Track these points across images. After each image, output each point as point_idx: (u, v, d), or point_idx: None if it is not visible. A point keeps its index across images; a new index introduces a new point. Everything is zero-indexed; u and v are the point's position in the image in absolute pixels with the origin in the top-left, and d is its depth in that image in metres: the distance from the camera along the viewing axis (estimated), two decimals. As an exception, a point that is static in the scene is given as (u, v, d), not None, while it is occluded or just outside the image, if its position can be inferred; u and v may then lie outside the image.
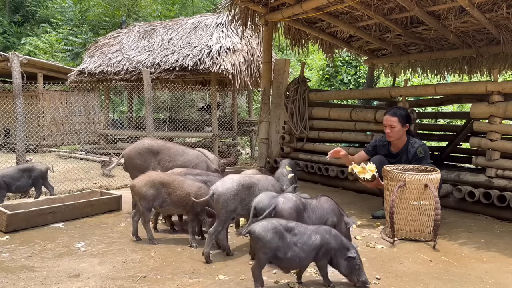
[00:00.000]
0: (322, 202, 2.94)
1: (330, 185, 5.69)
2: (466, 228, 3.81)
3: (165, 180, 3.27)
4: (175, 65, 7.98)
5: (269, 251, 2.29)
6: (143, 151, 4.06)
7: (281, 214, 2.72)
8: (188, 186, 3.27)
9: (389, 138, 3.99)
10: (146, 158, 4.05)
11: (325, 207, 2.91)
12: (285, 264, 2.38)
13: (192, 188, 3.25)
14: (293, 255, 2.32)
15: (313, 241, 2.37)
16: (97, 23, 18.57)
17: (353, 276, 2.42)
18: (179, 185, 3.26)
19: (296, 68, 14.54)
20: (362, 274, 2.42)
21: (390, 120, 3.90)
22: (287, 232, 2.34)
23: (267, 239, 2.28)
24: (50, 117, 11.11)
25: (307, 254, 2.35)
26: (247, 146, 11.85)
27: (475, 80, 7.26)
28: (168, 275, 2.66)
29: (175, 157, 4.09)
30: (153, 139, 4.39)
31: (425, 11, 5.16)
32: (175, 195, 3.24)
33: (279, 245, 2.30)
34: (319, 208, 2.88)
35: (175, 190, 3.24)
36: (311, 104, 6.16)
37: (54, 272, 2.70)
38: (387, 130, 3.94)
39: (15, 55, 5.11)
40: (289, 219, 2.68)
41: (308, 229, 2.42)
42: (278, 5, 5.89)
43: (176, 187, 3.25)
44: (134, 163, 4.02)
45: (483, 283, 2.61)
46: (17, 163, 5.02)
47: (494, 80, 4.27)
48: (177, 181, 3.30)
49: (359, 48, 7.40)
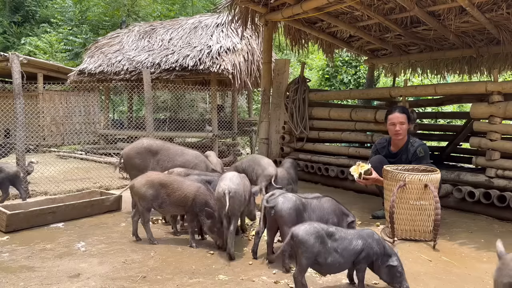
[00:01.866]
0: (322, 202, 2.93)
1: (330, 185, 5.69)
2: (466, 228, 3.81)
3: (164, 181, 3.27)
4: (175, 65, 7.98)
5: (312, 256, 2.25)
6: (142, 150, 4.07)
7: (280, 214, 2.72)
8: (187, 187, 3.26)
9: (397, 137, 3.91)
10: (145, 157, 4.05)
11: (325, 207, 2.90)
12: (324, 270, 2.36)
13: (191, 189, 3.25)
14: (333, 260, 2.29)
15: (354, 246, 2.34)
16: (97, 23, 18.57)
17: (395, 284, 2.37)
18: (178, 185, 3.26)
19: (296, 68, 14.53)
20: (404, 282, 2.36)
21: (400, 117, 3.85)
22: (328, 237, 2.31)
23: (310, 243, 2.25)
24: (50, 117, 11.11)
25: (347, 259, 2.33)
26: (247, 146, 11.84)
27: (475, 80, 7.25)
28: (168, 275, 2.67)
29: (174, 157, 4.10)
30: (152, 139, 4.40)
31: (425, 11, 5.16)
32: (174, 196, 3.23)
33: (320, 250, 2.26)
34: (319, 208, 2.88)
35: (174, 191, 3.23)
36: (311, 104, 6.16)
37: (54, 272, 2.70)
38: (396, 128, 3.85)
39: (15, 55, 5.11)
40: (289, 219, 2.69)
41: (349, 234, 2.39)
42: (278, 5, 5.89)
43: (175, 188, 3.24)
44: (133, 163, 4.03)
45: (483, 283, 2.61)
46: (17, 163, 5.01)
47: (494, 80, 4.27)
48: (176, 181, 3.29)
49: (359, 48, 7.39)
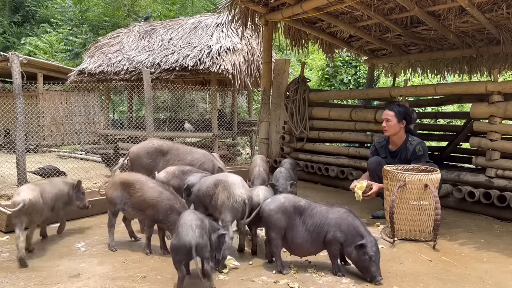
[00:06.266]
0: (330, 211, 2.70)
1: (330, 185, 5.69)
2: (466, 228, 3.82)
3: (128, 181, 3.11)
4: (175, 65, 7.97)
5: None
6: (152, 150, 4.12)
7: (263, 215, 2.72)
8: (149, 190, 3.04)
9: (385, 133, 4.04)
10: (155, 157, 4.11)
11: (330, 217, 2.66)
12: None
13: (152, 193, 3.03)
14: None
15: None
16: (97, 23, 18.55)
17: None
18: (140, 187, 3.06)
19: (296, 68, 14.53)
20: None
21: (387, 114, 3.96)
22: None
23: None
24: (50, 117, 11.11)
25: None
26: (247, 146, 11.84)
27: (475, 80, 7.26)
28: (168, 275, 2.66)
29: (183, 156, 4.14)
30: (161, 140, 4.45)
31: (425, 11, 5.16)
32: (136, 198, 3.04)
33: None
34: (320, 216, 2.68)
35: (135, 192, 3.06)
36: (311, 104, 6.16)
37: (54, 272, 2.70)
38: (383, 124, 4.00)
39: (15, 55, 5.10)
40: (271, 221, 2.67)
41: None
42: (278, 5, 5.89)
43: (137, 189, 3.06)
44: (142, 162, 4.06)
45: (483, 283, 2.61)
46: (17, 163, 5.01)
47: (494, 80, 4.27)
48: (139, 182, 3.09)
49: (359, 48, 7.39)
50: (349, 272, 2.73)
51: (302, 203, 2.75)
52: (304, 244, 2.68)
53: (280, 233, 2.66)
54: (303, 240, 2.67)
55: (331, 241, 2.62)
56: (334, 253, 2.66)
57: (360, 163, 5.31)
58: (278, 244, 2.69)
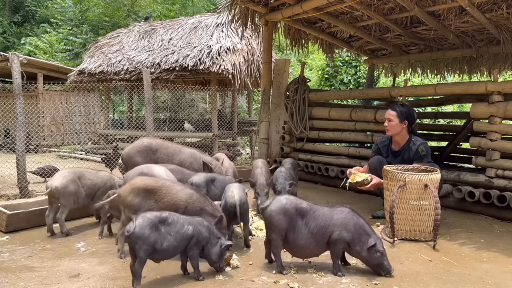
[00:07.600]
0: (334, 212, 2.69)
1: (330, 185, 5.68)
2: (466, 228, 3.82)
3: (152, 187, 2.96)
4: (175, 65, 7.98)
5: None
6: (142, 149, 4.15)
7: (264, 216, 2.74)
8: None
9: (387, 132, 4.05)
10: (146, 156, 4.11)
11: (335, 218, 2.65)
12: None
13: (182, 195, 2.94)
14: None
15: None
16: (97, 23, 18.56)
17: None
18: (167, 191, 2.93)
19: (296, 68, 14.54)
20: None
21: (389, 113, 3.98)
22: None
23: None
24: (50, 117, 11.11)
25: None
26: (247, 146, 11.85)
27: (475, 80, 7.26)
28: (168, 275, 2.67)
29: (172, 156, 4.17)
30: (152, 138, 4.45)
31: (425, 11, 5.16)
32: (165, 203, 2.91)
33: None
34: (324, 217, 2.66)
35: (163, 197, 2.93)
36: (311, 104, 6.16)
37: (54, 272, 2.70)
38: (385, 123, 4.01)
39: (15, 55, 5.10)
40: (272, 222, 2.67)
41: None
42: (278, 5, 5.89)
43: (164, 194, 2.92)
44: (134, 162, 4.06)
45: (483, 283, 2.61)
46: (17, 163, 5.01)
47: (494, 80, 4.27)
48: (165, 187, 2.96)
49: (359, 48, 7.39)
50: (349, 272, 2.73)
51: (304, 205, 2.73)
52: (307, 246, 2.67)
53: (280, 234, 2.66)
54: (306, 242, 2.66)
55: (337, 241, 2.62)
56: (338, 252, 2.66)
57: (360, 163, 5.30)
58: (278, 245, 2.68)
